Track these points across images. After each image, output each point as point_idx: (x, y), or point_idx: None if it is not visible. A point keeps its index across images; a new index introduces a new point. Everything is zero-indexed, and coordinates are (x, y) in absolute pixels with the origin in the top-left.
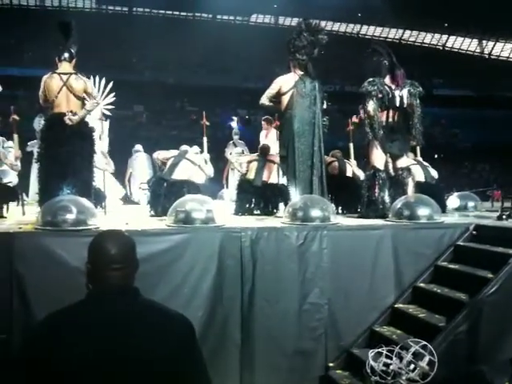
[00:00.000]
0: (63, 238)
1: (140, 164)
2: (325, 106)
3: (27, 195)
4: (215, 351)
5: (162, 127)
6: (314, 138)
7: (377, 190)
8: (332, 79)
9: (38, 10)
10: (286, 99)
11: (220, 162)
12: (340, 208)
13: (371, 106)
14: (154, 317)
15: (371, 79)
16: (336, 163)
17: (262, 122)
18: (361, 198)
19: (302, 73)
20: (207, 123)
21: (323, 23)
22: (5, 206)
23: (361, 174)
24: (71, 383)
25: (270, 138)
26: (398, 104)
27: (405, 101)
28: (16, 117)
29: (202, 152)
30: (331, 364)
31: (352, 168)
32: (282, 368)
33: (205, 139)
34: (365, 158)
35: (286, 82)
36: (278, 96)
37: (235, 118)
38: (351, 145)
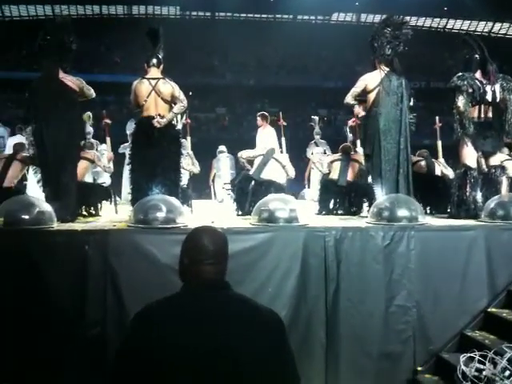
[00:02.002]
0: (154, 235)
1: (223, 165)
2: (411, 103)
3: (120, 195)
4: (300, 350)
5: (243, 128)
6: (401, 135)
7: (468, 189)
8: (417, 76)
9: (126, 18)
10: (371, 97)
11: (301, 162)
12: (428, 208)
13: (461, 101)
14: (247, 311)
15: (461, 74)
16: (423, 162)
17: (257, 118)
18: (451, 198)
19: (388, 69)
20: (284, 123)
21: (407, 19)
22: (99, 205)
23: (450, 173)
24: (165, 374)
25: (264, 134)
26: (490, 99)
27: (497, 95)
28: (107, 121)
29: (281, 152)
30: (420, 368)
31: (440, 167)
32: (368, 370)
33: (283, 140)
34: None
35: (371, 80)
36: (363, 94)
37: (316, 118)
38: (439, 143)
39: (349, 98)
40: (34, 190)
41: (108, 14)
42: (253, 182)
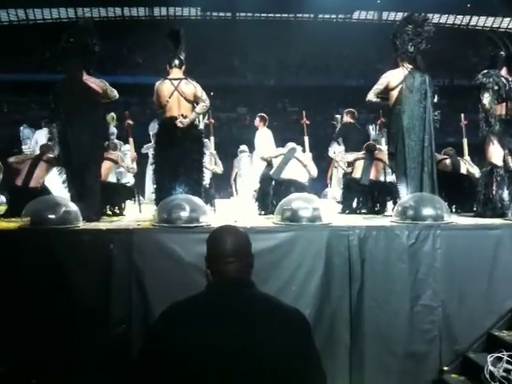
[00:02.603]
0: (177, 234)
1: (245, 164)
2: (435, 100)
3: (143, 195)
4: (323, 350)
5: None
6: (425, 133)
7: (494, 188)
8: (440, 73)
9: (148, 19)
10: (394, 94)
11: (322, 161)
12: (454, 207)
13: (487, 98)
14: (272, 310)
15: (486, 71)
16: (448, 160)
17: (256, 119)
18: (477, 197)
19: (411, 66)
20: (307, 122)
21: (429, 16)
22: (123, 205)
23: (476, 171)
24: (190, 373)
25: (262, 135)
26: None
27: None
28: (130, 121)
29: (303, 151)
30: (446, 368)
31: (466, 165)
32: (393, 370)
33: (306, 139)
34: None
35: (394, 77)
36: (385, 91)
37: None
38: (465, 141)
39: (371, 96)
40: (59, 190)
41: (130, 16)
42: (273, 182)
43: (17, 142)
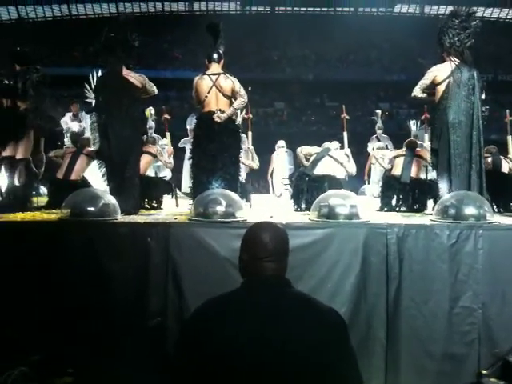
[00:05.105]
0: (213, 229)
1: (282, 160)
2: (483, 96)
3: (180, 189)
4: (359, 349)
5: (302, 123)
6: (473, 129)
7: None
8: (484, 68)
9: (187, 14)
10: (440, 89)
11: (361, 157)
12: (495, 206)
13: None
14: (308, 310)
15: None
16: (490, 159)
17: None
18: None
19: (459, 61)
20: (347, 117)
21: (474, 9)
22: (161, 199)
23: None
24: (223, 370)
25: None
26: None
27: None
28: (167, 116)
29: (342, 147)
30: (484, 371)
31: (509, 164)
32: (430, 371)
33: (345, 134)
34: None
35: (441, 71)
36: (432, 86)
37: (379, 112)
38: (510, 138)
39: (417, 91)
40: (99, 182)
41: (170, 11)
42: (307, 178)
43: (59, 135)
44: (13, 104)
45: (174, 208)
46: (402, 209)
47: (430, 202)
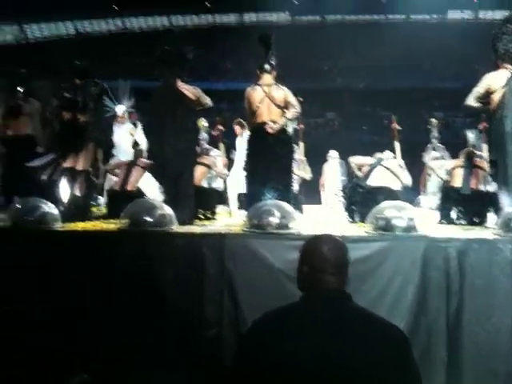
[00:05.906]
0: (267, 240)
1: (333, 170)
2: None
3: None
4: (419, 365)
5: (353, 133)
6: None
7: None
8: None
9: (238, 27)
10: (496, 98)
11: (415, 168)
12: None
13: None
14: (370, 326)
15: None
16: None
17: (235, 127)
18: None
19: None
20: (398, 127)
21: None
22: (215, 210)
23: None
24: (283, 383)
25: (243, 142)
26: None
27: None
28: (221, 127)
29: (395, 158)
30: None
31: None
32: None
33: (397, 144)
34: None
35: (495, 79)
36: (486, 95)
37: (434, 121)
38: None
39: (470, 100)
40: (154, 193)
41: (221, 23)
42: (361, 190)
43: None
44: (73, 117)
45: (228, 219)
46: (461, 222)
47: (490, 215)
